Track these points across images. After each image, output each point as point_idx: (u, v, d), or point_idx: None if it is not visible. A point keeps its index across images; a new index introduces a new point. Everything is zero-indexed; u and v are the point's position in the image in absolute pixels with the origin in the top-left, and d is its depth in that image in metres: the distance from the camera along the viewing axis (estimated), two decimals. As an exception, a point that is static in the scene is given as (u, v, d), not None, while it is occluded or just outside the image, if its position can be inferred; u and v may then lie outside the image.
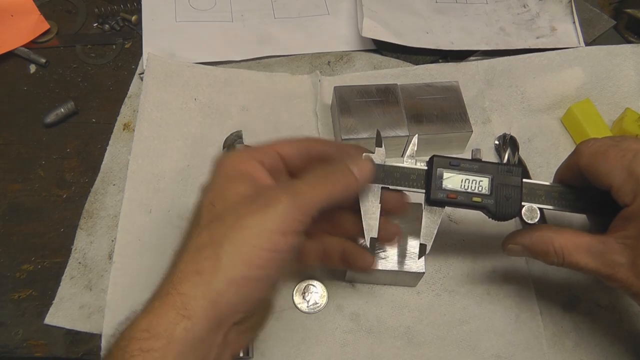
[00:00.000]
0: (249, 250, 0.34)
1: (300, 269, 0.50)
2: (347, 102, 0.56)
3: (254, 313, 0.36)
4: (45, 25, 0.66)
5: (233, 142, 0.56)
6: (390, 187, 0.43)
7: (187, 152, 0.57)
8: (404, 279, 0.50)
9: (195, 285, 0.33)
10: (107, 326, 0.47)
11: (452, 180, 0.43)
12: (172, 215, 0.53)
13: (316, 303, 0.50)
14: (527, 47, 0.67)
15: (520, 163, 0.57)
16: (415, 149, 0.44)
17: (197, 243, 0.35)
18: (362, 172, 0.41)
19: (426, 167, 0.44)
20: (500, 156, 0.59)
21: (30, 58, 0.64)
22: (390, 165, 0.43)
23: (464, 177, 0.43)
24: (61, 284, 0.50)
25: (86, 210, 0.54)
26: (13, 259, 0.52)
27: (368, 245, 0.44)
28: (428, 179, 0.43)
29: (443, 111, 0.56)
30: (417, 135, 0.45)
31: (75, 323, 0.48)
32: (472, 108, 0.59)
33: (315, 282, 0.51)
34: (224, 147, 0.56)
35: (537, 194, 0.44)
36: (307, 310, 0.50)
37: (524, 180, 0.43)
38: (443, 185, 0.43)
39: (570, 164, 0.43)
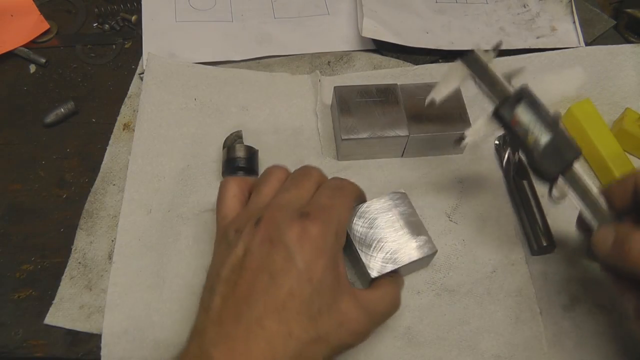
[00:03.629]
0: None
1: None
2: (347, 102, 0.56)
3: None
4: (45, 25, 0.66)
5: (233, 142, 0.56)
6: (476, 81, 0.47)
7: (187, 152, 0.57)
8: (421, 264, 0.51)
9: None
10: (106, 326, 0.47)
11: (525, 115, 0.45)
12: (172, 215, 0.53)
13: (316, 303, 0.50)
14: (527, 47, 0.67)
15: (521, 163, 0.57)
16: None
17: (276, 301, 0.36)
18: None
19: (513, 90, 0.45)
20: (500, 156, 0.59)
21: (30, 58, 0.64)
22: (487, 66, 0.47)
23: (536, 120, 0.44)
24: (61, 284, 0.50)
25: (86, 210, 0.54)
26: (13, 259, 0.52)
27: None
28: (507, 97, 0.45)
29: (443, 111, 0.56)
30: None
31: (75, 323, 0.48)
32: (472, 108, 0.59)
33: (315, 282, 0.51)
34: (224, 147, 0.56)
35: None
36: (307, 310, 0.50)
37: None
38: (515, 109, 0.45)
39: (626, 186, 0.42)
